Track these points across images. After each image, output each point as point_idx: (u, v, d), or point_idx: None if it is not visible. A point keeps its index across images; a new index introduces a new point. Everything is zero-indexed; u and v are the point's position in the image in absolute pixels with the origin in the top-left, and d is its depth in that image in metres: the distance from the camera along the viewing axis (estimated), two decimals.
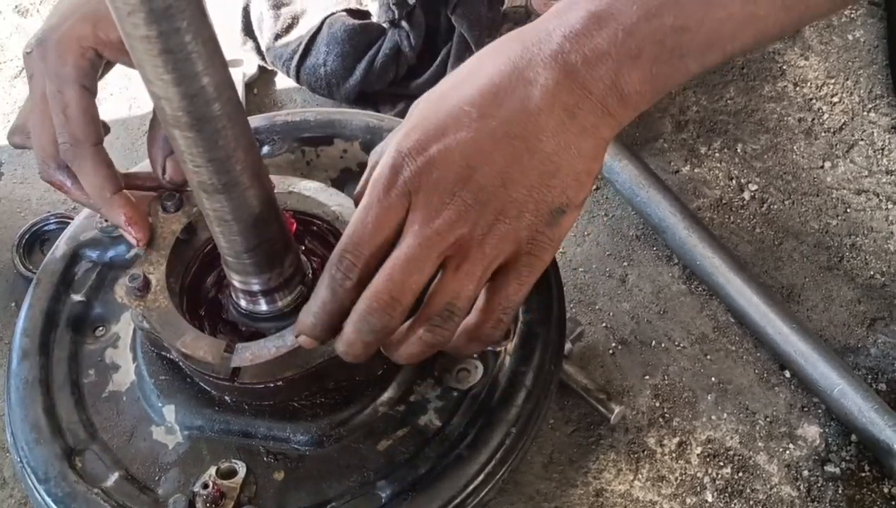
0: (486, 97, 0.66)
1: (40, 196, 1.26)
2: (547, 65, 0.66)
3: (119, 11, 0.55)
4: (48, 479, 0.80)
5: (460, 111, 0.66)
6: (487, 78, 0.67)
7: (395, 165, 0.66)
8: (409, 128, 0.67)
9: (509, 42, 0.69)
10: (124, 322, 0.90)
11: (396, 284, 0.66)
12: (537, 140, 0.66)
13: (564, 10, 0.67)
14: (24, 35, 1.51)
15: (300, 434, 0.80)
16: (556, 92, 0.66)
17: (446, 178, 0.66)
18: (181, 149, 0.65)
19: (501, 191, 0.66)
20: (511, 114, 0.66)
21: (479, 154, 0.66)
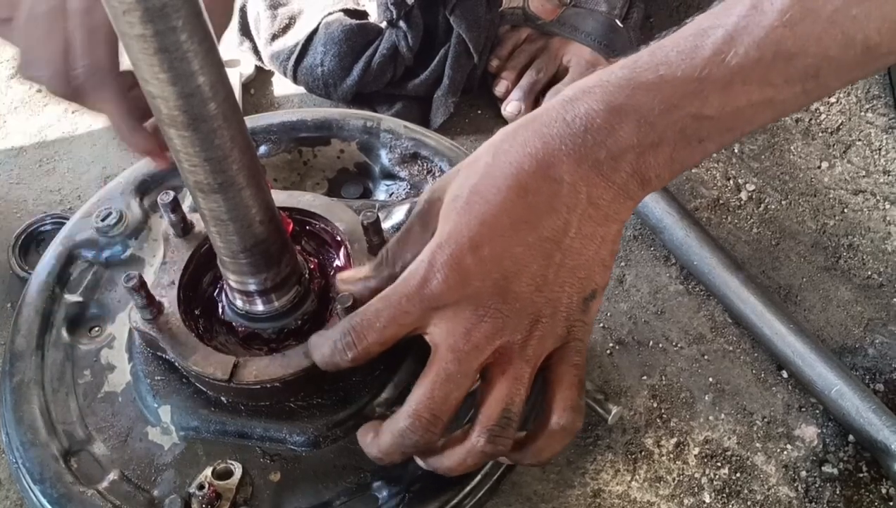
0: (516, 201, 0.66)
1: (36, 196, 1.26)
2: (571, 161, 0.66)
3: (114, 10, 0.55)
4: (44, 480, 0.80)
5: (492, 219, 0.66)
6: (513, 179, 0.66)
7: (425, 278, 0.66)
8: (441, 239, 0.67)
9: (527, 133, 0.67)
10: (120, 322, 0.90)
11: (437, 402, 0.67)
12: (566, 236, 0.66)
13: (580, 98, 0.66)
14: None
15: (297, 435, 0.79)
16: (581, 187, 0.66)
17: (482, 292, 0.66)
18: (177, 148, 0.65)
19: (537, 294, 0.67)
20: (541, 217, 0.66)
21: (514, 264, 0.66)
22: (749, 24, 0.63)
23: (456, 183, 0.69)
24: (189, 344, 0.79)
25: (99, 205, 0.98)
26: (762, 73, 0.64)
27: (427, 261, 0.66)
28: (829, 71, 0.65)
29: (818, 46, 0.64)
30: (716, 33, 0.64)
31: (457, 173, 0.70)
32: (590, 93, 0.66)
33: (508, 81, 1.28)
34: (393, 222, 0.89)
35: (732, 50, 0.64)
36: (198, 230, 0.85)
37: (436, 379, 0.67)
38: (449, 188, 0.70)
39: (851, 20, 0.63)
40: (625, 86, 0.66)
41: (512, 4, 1.31)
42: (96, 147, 1.32)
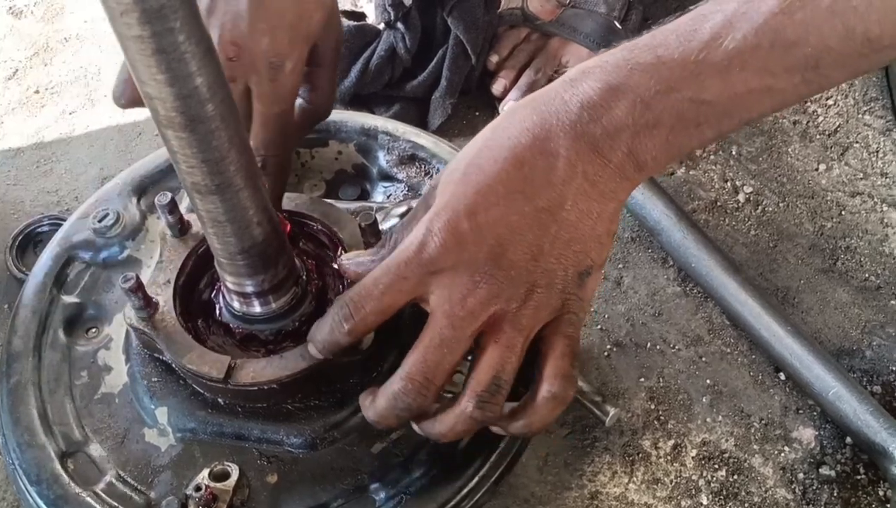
0: (512, 172, 0.67)
1: (33, 198, 1.25)
2: (567, 136, 0.66)
3: (112, 11, 0.55)
4: (40, 481, 0.80)
5: (487, 188, 0.67)
6: (510, 151, 0.67)
7: (423, 242, 0.67)
8: (439, 207, 0.67)
9: (525, 111, 0.68)
10: (117, 323, 0.90)
11: (430, 366, 0.68)
12: (562, 209, 0.67)
13: (579, 79, 0.67)
14: (19, 36, 1.50)
15: (294, 436, 0.79)
16: (577, 162, 0.66)
17: (477, 258, 0.66)
18: (174, 149, 0.65)
19: (532, 263, 0.67)
20: (537, 188, 0.67)
21: (509, 231, 0.67)
22: (748, 10, 0.64)
23: (455, 159, 0.71)
24: (185, 343, 0.78)
25: (96, 207, 0.97)
26: (761, 60, 0.64)
27: (425, 227, 0.67)
28: (830, 61, 0.65)
29: (818, 36, 0.63)
30: (715, 18, 0.65)
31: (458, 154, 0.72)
32: (589, 73, 0.67)
33: (507, 81, 1.28)
34: (391, 224, 0.89)
35: (730, 35, 0.64)
36: (195, 230, 0.85)
37: (430, 344, 0.68)
38: (448, 168, 0.71)
39: (852, 11, 0.62)
40: (622, 66, 0.66)
41: (511, 5, 1.31)
42: (93, 148, 1.32)
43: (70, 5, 1.54)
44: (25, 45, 1.49)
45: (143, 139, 1.33)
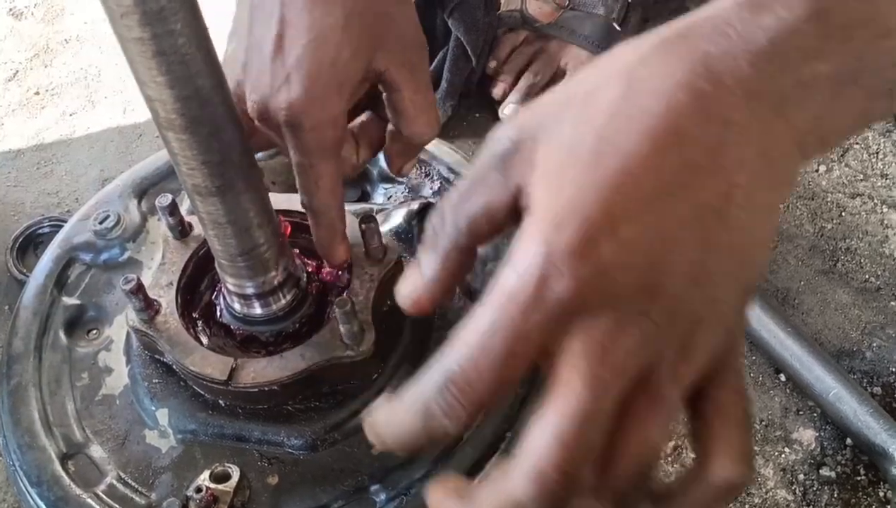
0: (667, 153, 0.45)
1: (34, 199, 1.26)
2: (745, 92, 0.46)
3: (112, 13, 0.55)
4: (41, 483, 0.80)
5: (632, 182, 0.45)
6: (663, 120, 0.45)
7: (543, 278, 0.44)
8: (558, 216, 0.45)
9: (678, 52, 0.47)
10: (117, 325, 0.90)
11: (569, 454, 0.44)
12: (731, 204, 0.46)
13: (755, 7, 0.46)
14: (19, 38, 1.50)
15: (294, 438, 0.79)
16: (754, 133, 0.46)
17: (623, 294, 0.45)
18: (175, 151, 0.65)
19: (695, 291, 0.46)
20: (702, 177, 0.45)
21: (665, 249, 0.45)
22: None
23: (567, 123, 0.47)
24: (187, 345, 0.79)
25: (97, 208, 0.97)
26: None
27: (541, 252, 0.44)
28: None
29: None
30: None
31: (562, 105, 0.49)
32: (763, 4, 0.46)
33: (506, 84, 1.28)
34: (391, 225, 0.89)
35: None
36: (196, 232, 0.85)
37: (565, 424, 0.45)
38: (550, 127, 0.48)
39: None
40: None
41: (510, 7, 1.31)
42: (94, 149, 1.32)
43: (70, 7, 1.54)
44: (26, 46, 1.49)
45: (143, 140, 1.33)
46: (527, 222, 0.47)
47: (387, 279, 0.82)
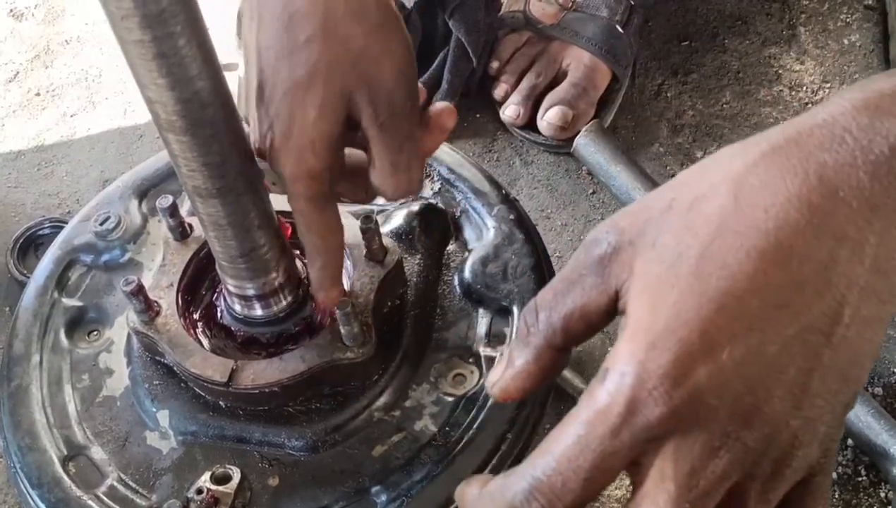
0: (774, 273, 0.44)
1: (34, 200, 1.26)
2: (863, 204, 0.44)
3: (113, 15, 0.55)
4: (42, 485, 0.80)
5: (735, 304, 0.43)
6: (772, 237, 0.43)
7: (634, 400, 0.44)
8: (653, 335, 0.44)
9: (791, 161, 0.45)
10: (118, 326, 0.90)
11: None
12: (839, 324, 0.44)
13: (884, 106, 0.45)
14: (19, 39, 1.50)
15: (295, 439, 0.79)
16: (870, 248, 0.44)
17: (717, 418, 0.44)
18: (175, 153, 0.65)
19: (794, 413, 0.45)
20: (809, 299, 0.44)
21: (765, 372, 0.44)
22: None
23: (669, 232, 0.46)
24: (188, 346, 0.79)
25: (97, 209, 0.97)
26: None
27: (634, 375, 0.44)
28: None
29: None
30: None
31: (665, 211, 0.47)
32: (883, 109, 0.45)
33: (508, 85, 1.28)
34: (392, 227, 0.89)
35: None
36: (197, 234, 0.85)
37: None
38: (652, 233, 0.47)
39: None
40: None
41: (512, 8, 1.31)
42: (94, 151, 1.32)
43: (71, 8, 1.54)
44: (26, 47, 1.49)
45: (144, 142, 1.33)
46: (622, 338, 0.46)
47: (387, 280, 0.82)
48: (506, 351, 0.53)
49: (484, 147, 1.28)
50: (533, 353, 0.51)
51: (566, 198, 1.22)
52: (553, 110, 1.24)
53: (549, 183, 1.24)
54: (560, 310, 0.50)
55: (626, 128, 1.30)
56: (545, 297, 0.51)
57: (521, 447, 0.82)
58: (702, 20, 1.39)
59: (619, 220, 0.50)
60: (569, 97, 1.24)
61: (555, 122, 1.23)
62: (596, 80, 1.26)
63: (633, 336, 0.45)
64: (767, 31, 1.38)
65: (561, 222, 1.20)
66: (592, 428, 0.46)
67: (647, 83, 1.34)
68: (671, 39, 1.37)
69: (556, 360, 0.52)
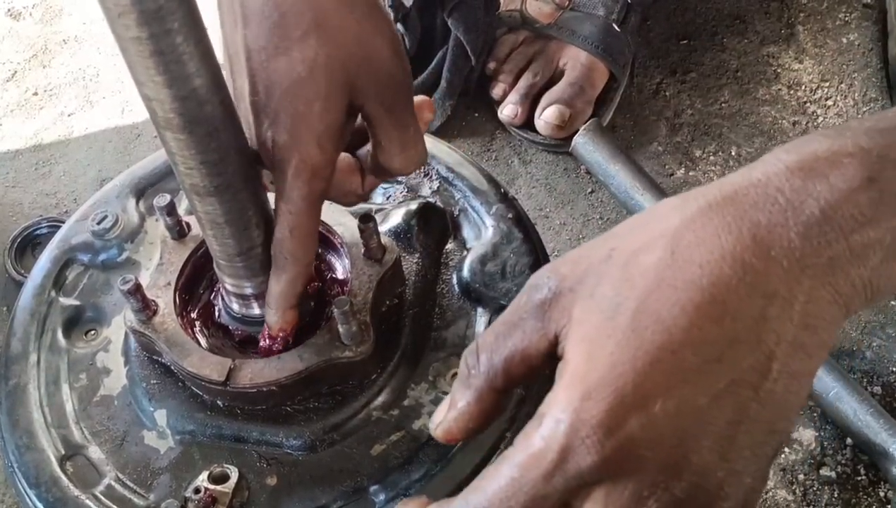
0: (709, 328, 0.45)
1: (32, 200, 1.25)
2: (794, 264, 0.46)
3: (110, 12, 0.54)
4: (39, 484, 0.80)
5: (671, 357, 0.45)
6: (707, 293, 0.45)
7: (566, 448, 0.46)
8: (588, 386, 0.46)
9: (725, 219, 0.46)
10: (116, 326, 0.90)
11: None
12: (766, 378, 0.46)
13: (815, 169, 0.46)
14: (17, 39, 1.50)
15: (293, 438, 0.79)
16: (796, 303, 0.46)
17: (647, 468, 0.46)
18: (173, 151, 0.64)
19: (721, 464, 0.47)
20: (740, 354, 0.45)
21: (696, 424, 0.46)
22: None
23: (608, 282, 0.48)
24: (185, 346, 0.79)
25: (95, 209, 0.97)
26: None
27: (568, 423, 0.46)
28: None
29: None
30: None
31: (604, 260, 0.49)
32: (835, 163, 0.46)
33: (505, 84, 1.28)
34: (390, 225, 0.88)
35: None
36: (195, 232, 0.84)
37: None
38: (591, 282, 0.49)
39: None
40: (874, 153, 0.46)
41: (510, 7, 1.31)
42: (92, 150, 1.32)
43: (68, 7, 1.54)
44: (24, 46, 1.49)
45: (141, 141, 1.33)
46: (559, 384, 0.48)
47: (385, 279, 0.82)
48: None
49: (482, 146, 1.28)
50: (474, 395, 0.52)
51: (564, 197, 1.22)
52: (550, 109, 1.24)
53: (547, 182, 1.24)
54: (501, 353, 0.51)
55: (624, 127, 1.30)
56: (486, 340, 0.52)
57: None
58: (700, 19, 1.39)
59: (560, 266, 0.51)
60: (566, 96, 1.24)
61: (552, 121, 1.23)
62: (593, 79, 1.26)
63: (570, 384, 0.47)
64: (766, 30, 1.38)
65: (559, 221, 1.20)
66: (526, 472, 0.47)
67: (646, 82, 1.34)
68: (670, 38, 1.37)
69: (497, 402, 0.53)
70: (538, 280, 0.51)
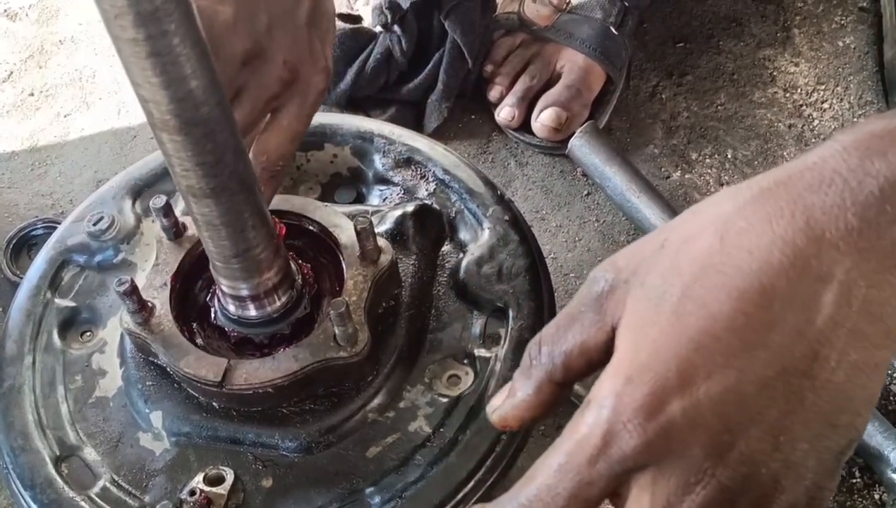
0: (755, 314, 0.44)
1: (28, 200, 1.25)
2: (851, 247, 0.44)
3: (106, 14, 0.54)
4: (34, 486, 0.80)
5: (713, 342, 0.44)
6: (754, 279, 0.44)
7: (610, 432, 0.46)
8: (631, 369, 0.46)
9: (778, 203, 0.45)
10: (111, 327, 0.90)
11: None
12: (824, 367, 0.44)
13: (875, 147, 0.44)
14: (13, 39, 1.50)
15: (289, 440, 0.79)
16: (859, 290, 0.44)
17: (692, 453, 0.45)
18: (169, 153, 0.64)
19: (773, 455, 0.45)
20: (791, 338, 0.44)
21: (742, 410, 0.45)
22: None
23: (657, 271, 0.48)
24: (181, 346, 0.78)
25: (91, 210, 0.97)
26: None
27: (611, 407, 0.46)
28: None
29: None
30: None
31: (657, 251, 0.49)
32: (894, 139, 0.44)
33: (502, 87, 1.28)
34: (386, 227, 0.88)
35: None
36: (190, 233, 0.84)
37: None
38: (643, 272, 0.49)
39: None
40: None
41: (507, 10, 1.31)
42: (88, 151, 1.32)
43: (65, 8, 1.54)
44: (20, 47, 1.48)
45: (137, 142, 1.33)
46: (606, 371, 0.48)
47: (382, 281, 0.82)
48: (512, 380, 0.55)
49: (479, 148, 1.28)
50: (534, 386, 0.53)
51: (561, 200, 1.22)
52: (547, 112, 1.24)
53: (543, 184, 1.24)
54: (561, 346, 0.52)
55: (620, 129, 1.30)
56: (548, 332, 0.53)
57: (515, 449, 0.81)
58: (697, 22, 1.39)
59: (617, 259, 0.51)
60: (563, 99, 1.24)
61: (549, 124, 1.23)
62: (590, 82, 1.26)
63: (615, 370, 0.47)
64: (762, 33, 1.38)
65: (556, 223, 1.20)
66: (571, 458, 0.47)
67: (642, 85, 1.34)
68: (666, 41, 1.38)
69: (556, 394, 0.53)
70: (596, 273, 0.51)
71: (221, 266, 0.75)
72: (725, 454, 0.45)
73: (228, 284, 0.77)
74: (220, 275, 0.77)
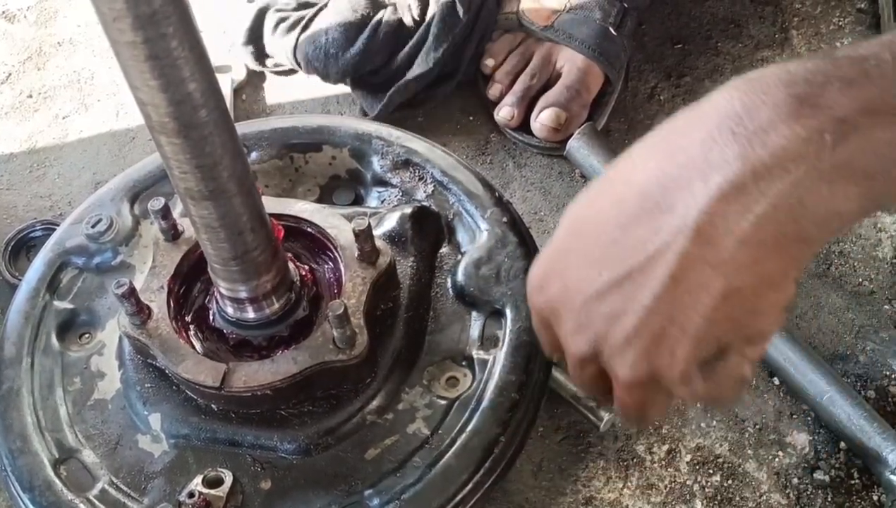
0: (624, 193, 0.58)
1: (26, 202, 1.25)
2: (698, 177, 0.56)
3: (104, 17, 0.54)
4: (33, 488, 0.80)
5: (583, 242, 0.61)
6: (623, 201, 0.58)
7: (529, 293, 0.67)
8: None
9: (646, 149, 0.60)
10: (110, 329, 0.90)
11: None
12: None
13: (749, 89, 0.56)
14: (11, 41, 1.50)
15: (287, 442, 0.79)
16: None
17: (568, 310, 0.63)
18: (167, 155, 0.64)
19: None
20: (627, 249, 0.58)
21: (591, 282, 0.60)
22: None
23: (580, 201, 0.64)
24: (179, 350, 0.79)
25: (89, 212, 0.97)
26: None
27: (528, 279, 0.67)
28: None
29: None
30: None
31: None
32: (758, 80, 0.55)
33: (502, 85, 1.28)
34: (384, 229, 0.89)
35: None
36: (188, 235, 0.84)
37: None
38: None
39: None
40: (816, 77, 0.53)
41: (506, 10, 1.31)
42: (87, 153, 1.32)
43: (63, 9, 1.54)
44: (18, 49, 1.48)
45: (136, 144, 1.33)
46: None
47: (380, 283, 0.82)
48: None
49: (477, 149, 1.28)
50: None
51: (559, 201, 1.22)
52: (546, 112, 1.23)
53: (542, 185, 1.24)
54: None
55: (619, 130, 1.30)
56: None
57: (514, 450, 0.82)
58: (695, 23, 1.39)
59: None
60: (562, 99, 1.24)
61: (548, 124, 1.23)
62: (589, 83, 1.26)
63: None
64: (760, 35, 1.38)
65: (554, 225, 1.20)
66: None
67: (641, 86, 1.34)
68: (664, 42, 1.38)
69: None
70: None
71: (220, 268, 0.75)
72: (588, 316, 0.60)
73: (227, 286, 0.77)
74: (219, 278, 0.77)
